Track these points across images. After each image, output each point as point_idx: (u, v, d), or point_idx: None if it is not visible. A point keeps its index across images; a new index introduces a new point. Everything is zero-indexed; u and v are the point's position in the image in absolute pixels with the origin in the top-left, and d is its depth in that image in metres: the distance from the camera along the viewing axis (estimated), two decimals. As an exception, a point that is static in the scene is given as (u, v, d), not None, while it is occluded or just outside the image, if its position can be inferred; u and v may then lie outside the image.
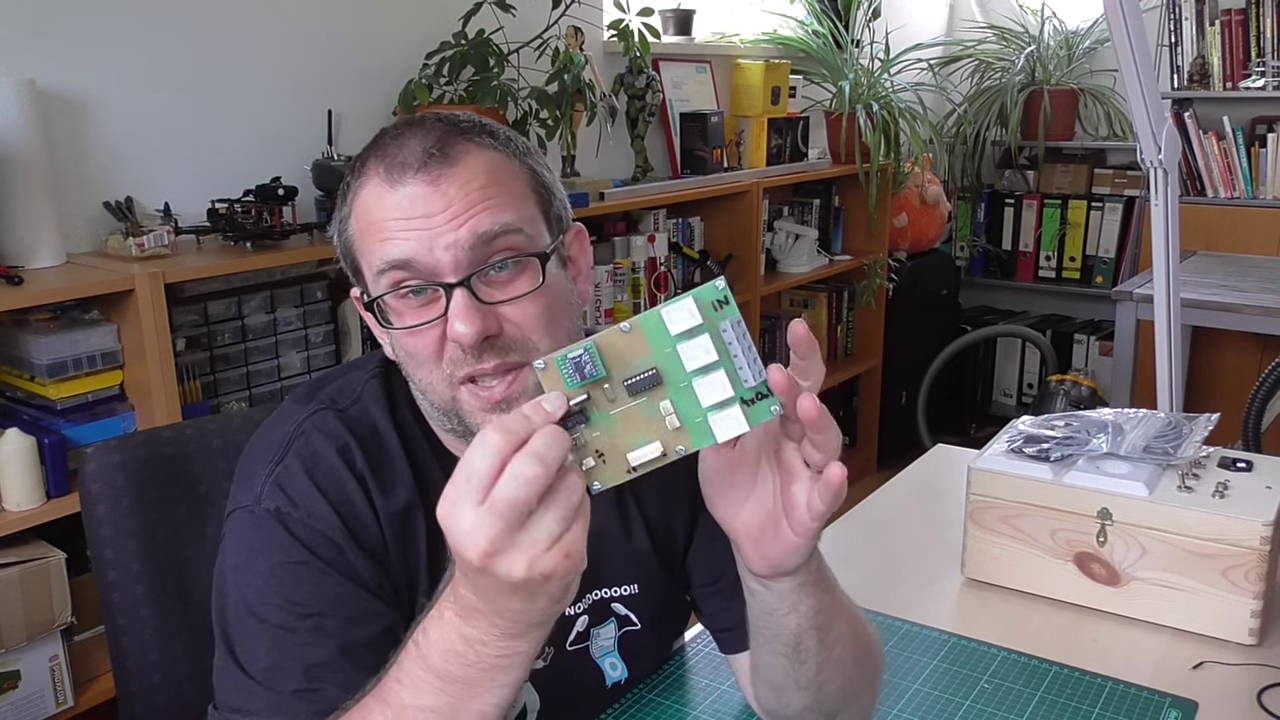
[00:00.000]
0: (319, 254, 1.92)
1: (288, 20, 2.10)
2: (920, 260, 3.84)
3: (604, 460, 0.62)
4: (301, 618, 0.80)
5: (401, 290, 0.80)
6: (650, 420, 0.61)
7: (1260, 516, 1.10)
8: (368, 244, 0.82)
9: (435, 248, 0.79)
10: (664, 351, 0.61)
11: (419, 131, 0.82)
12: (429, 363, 0.82)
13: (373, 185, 0.81)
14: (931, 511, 1.48)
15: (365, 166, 0.83)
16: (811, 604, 0.78)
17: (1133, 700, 1.04)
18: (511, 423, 0.59)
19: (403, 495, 0.87)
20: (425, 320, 0.80)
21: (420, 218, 0.79)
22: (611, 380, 0.61)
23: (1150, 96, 1.78)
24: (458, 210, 0.79)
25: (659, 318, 0.61)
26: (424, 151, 0.80)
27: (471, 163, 0.81)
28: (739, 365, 0.61)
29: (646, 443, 0.61)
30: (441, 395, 0.83)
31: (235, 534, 0.85)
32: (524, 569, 0.59)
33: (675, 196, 2.80)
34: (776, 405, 0.61)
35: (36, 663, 1.59)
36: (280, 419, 0.89)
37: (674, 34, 3.07)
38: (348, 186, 0.85)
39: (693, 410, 0.61)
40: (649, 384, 0.61)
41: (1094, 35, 3.98)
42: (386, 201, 0.80)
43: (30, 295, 1.55)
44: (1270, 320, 2.79)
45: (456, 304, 0.78)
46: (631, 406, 0.61)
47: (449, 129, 0.83)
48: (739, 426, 0.61)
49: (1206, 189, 3.68)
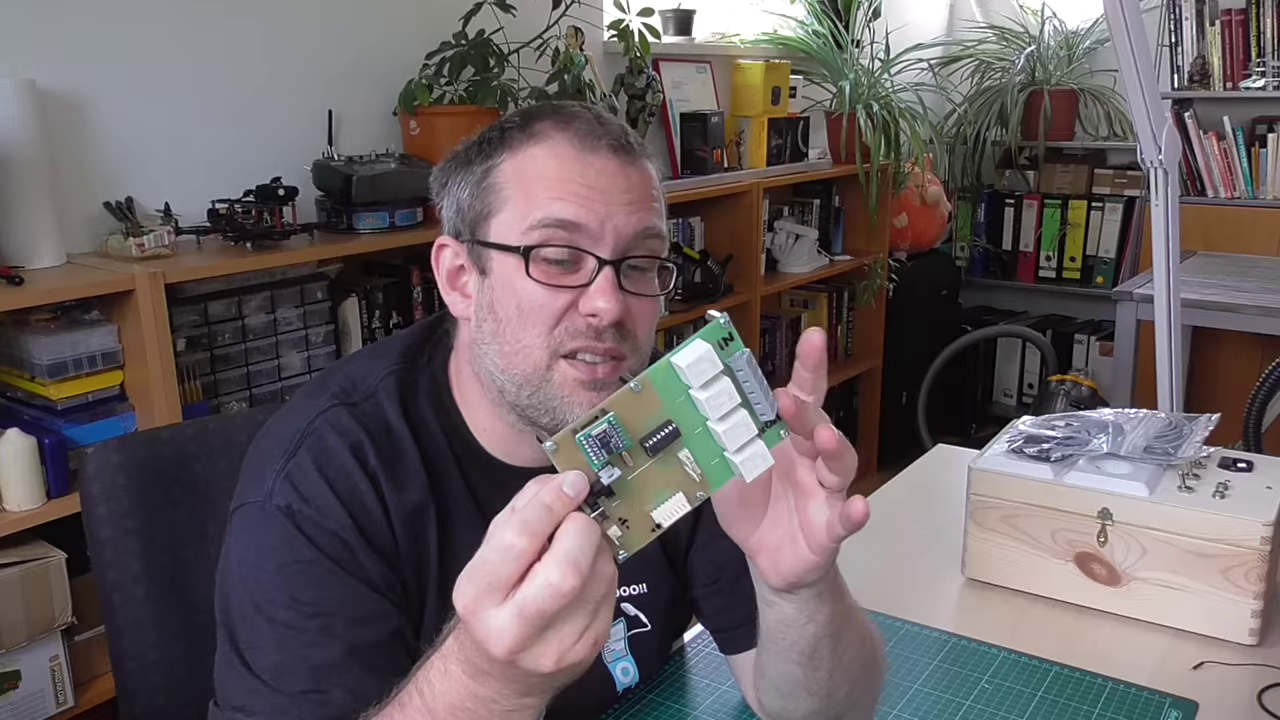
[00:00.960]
0: (319, 254, 1.92)
1: (288, 20, 2.10)
2: (920, 260, 3.84)
3: (628, 526, 0.59)
4: (310, 617, 0.80)
5: (554, 246, 0.81)
6: (668, 472, 0.59)
7: (1261, 516, 1.10)
8: (532, 193, 0.82)
9: (607, 222, 0.81)
10: (676, 401, 0.59)
11: (605, 118, 0.85)
12: (541, 325, 0.82)
13: (557, 144, 0.83)
14: (931, 511, 1.48)
15: (539, 126, 0.84)
16: (828, 612, 0.78)
17: (1133, 700, 1.04)
18: (533, 519, 0.56)
19: (415, 494, 0.86)
20: (567, 284, 0.81)
21: (602, 190, 0.82)
22: (630, 432, 0.58)
23: (1150, 96, 1.78)
24: (635, 197, 0.83)
25: (669, 369, 0.58)
26: (620, 134, 0.84)
27: (649, 165, 0.86)
28: (755, 402, 0.59)
29: (668, 496, 0.59)
30: (535, 361, 0.82)
31: (243, 530, 0.84)
32: (553, 663, 0.58)
33: (675, 196, 2.79)
34: (783, 429, 0.61)
35: (37, 663, 1.59)
36: (292, 414, 0.88)
37: (674, 34, 3.07)
38: (504, 136, 0.85)
39: (711, 453, 0.59)
40: (669, 440, 0.58)
41: (1094, 35, 3.98)
42: (572, 164, 0.82)
43: (30, 295, 1.55)
44: (1270, 320, 2.79)
45: (605, 279, 0.81)
46: (650, 465, 0.59)
47: (627, 130, 0.87)
48: (764, 462, 0.59)
49: (1207, 189, 3.68)
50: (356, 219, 1.99)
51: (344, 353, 2.03)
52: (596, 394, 0.82)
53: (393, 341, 0.94)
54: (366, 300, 2.06)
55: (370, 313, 2.07)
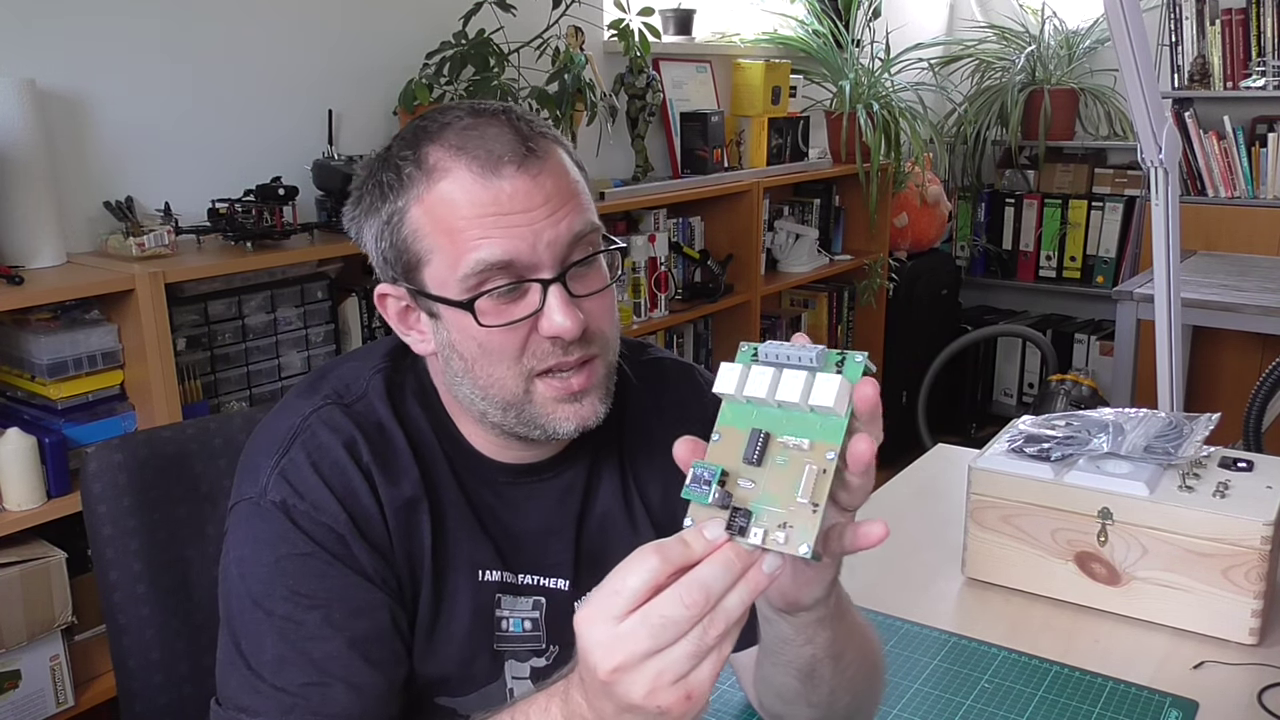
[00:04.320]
0: (319, 254, 1.92)
1: (288, 20, 2.10)
2: (920, 260, 3.84)
3: (791, 526, 0.59)
4: (309, 609, 0.80)
5: (497, 289, 0.79)
6: (788, 465, 0.60)
7: (1261, 516, 1.10)
8: (454, 239, 0.79)
9: (538, 245, 0.78)
10: (751, 417, 0.62)
11: (495, 123, 0.80)
12: (508, 359, 0.81)
13: (459, 178, 0.78)
14: (931, 511, 1.48)
15: (433, 159, 0.79)
16: (828, 635, 0.77)
17: (1133, 700, 1.04)
18: (671, 548, 0.58)
19: (408, 489, 0.86)
20: (519, 317, 0.80)
21: (521, 213, 0.78)
22: (734, 470, 0.61)
23: (1150, 96, 1.78)
24: (555, 205, 0.79)
25: (724, 404, 0.63)
26: (519, 143, 0.79)
27: (557, 158, 0.81)
28: (800, 360, 0.61)
29: (801, 477, 0.60)
30: (512, 390, 0.82)
31: (239, 526, 0.84)
32: (641, 695, 0.57)
33: (675, 196, 2.80)
34: (860, 357, 0.62)
35: (37, 662, 1.59)
36: (284, 412, 0.88)
37: (674, 34, 3.07)
38: (405, 178, 0.80)
39: (809, 424, 0.61)
40: (764, 444, 0.61)
41: (1094, 35, 3.98)
42: (481, 197, 0.78)
43: (30, 295, 1.55)
44: (1270, 320, 2.79)
45: (557, 299, 0.79)
46: (767, 471, 0.61)
47: (524, 122, 0.81)
48: (846, 389, 0.61)
49: (1207, 189, 3.68)
50: (357, 219, 1.98)
51: (344, 352, 2.02)
52: (578, 404, 0.83)
53: (379, 344, 0.95)
54: (366, 300, 2.06)
55: (370, 312, 2.07)
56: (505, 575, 0.90)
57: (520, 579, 0.91)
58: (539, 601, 0.92)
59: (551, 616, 0.92)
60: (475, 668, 0.90)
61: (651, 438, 0.96)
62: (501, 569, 0.90)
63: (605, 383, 0.85)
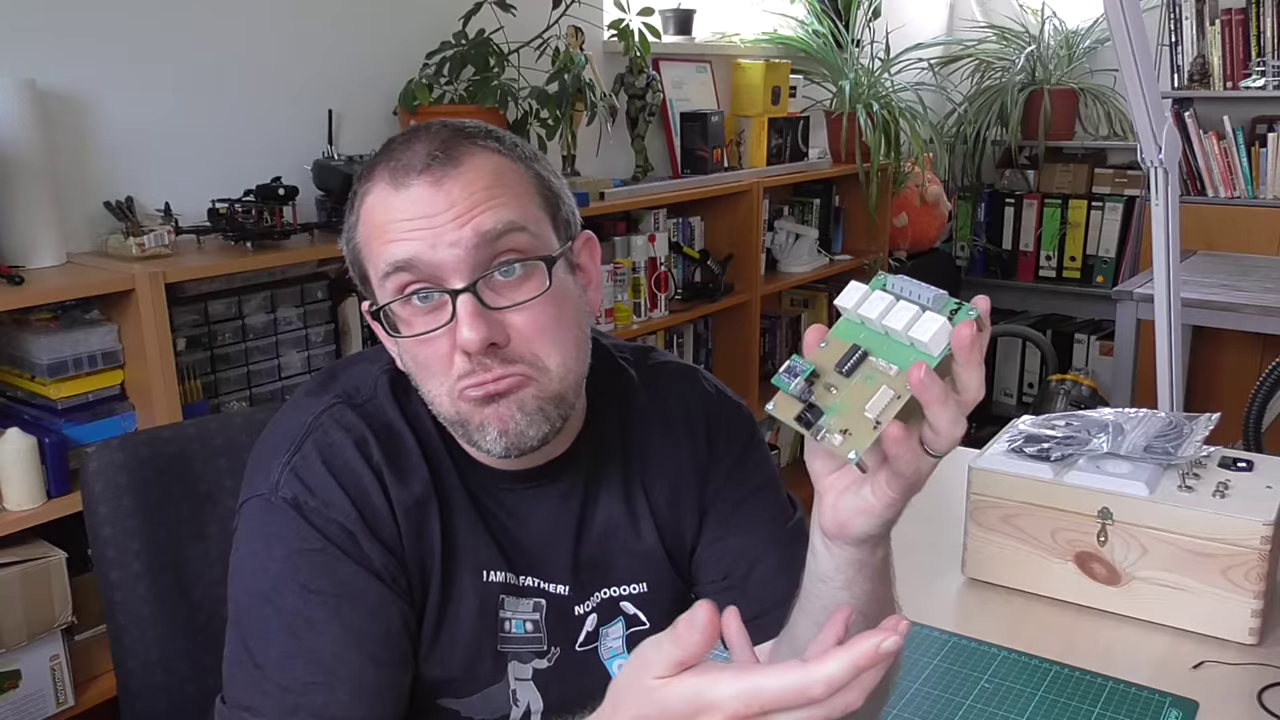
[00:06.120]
0: (319, 254, 1.91)
1: (288, 20, 2.10)
2: (920, 260, 3.84)
3: (849, 433, 0.64)
4: (318, 605, 0.80)
5: (407, 295, 0.80)
6: (871, 383, 0.64)
7: (1261, 516, 1.10)
8: (372, 248, 0.81)
9: (438, 246, 0.78)
10: (860, 336, 0.66)
11: (424, 136, 0.82)
12: (439, 373, 0.81)
13: (378, 190, 0.81)
14: (931, 511, 1.48)
15: (372, 173, 0.83)
16: (866, 589, 0.75)
17: (1133, 700, 1.04)
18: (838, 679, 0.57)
19: (418, 489, 0.86)
20: (434, 327, 0.80)
21: (423, 218, 0.78)
22: (825, 373, 0.65)
23: (1150, 96, 1.79)
24: (460, 210, 0.78)
25: (842, 319, 0.67)
26: (428, 154, 0.80)
27: (475, 164, 0.81)
28: (919, 298, 0.65)
29: (875, 395, 0.64)
30: (446, 408, 0.82)
31: (250, 522, 0.84)
32: None
33: (675, 196, 2.79)
34: (973, 310, 0.64)
35: (37, 662, 1.59)
36: (295, 410, 0.88)
37: (674, 34, 3.07)
38: (355, 195, 0.84)
39: (904, 353, 0.64)
40: (859, 360, 0.65)
41: (1094, 35, 3.98)
42: (391, 204, 0.80)
43: (30, 295, 1.55)
44: (1270, 320, 2.79)
45: (463, 309, 0.78)
46: (854, 382, 0.65)
47: (454, 133, 0.82)
48: (946, 333, 0.63)
49: (1207, 189, 3.68)
50: (357, 218, 1.98)
51: (344, 353, 2.03)
52: (497, 405, 0.80)
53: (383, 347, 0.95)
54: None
55: (370, 312, 2.07)
56: (508, 576, 0.90)
57: (522, 580, 0.91)
58: (539, 604, 0.92)
59: (551, 619, 0.92)
60: (479, 669, 0.90)
61: (656, 441, 0.96)
62: (505, 570, 0.90)
63: (538, 401, 0.82)
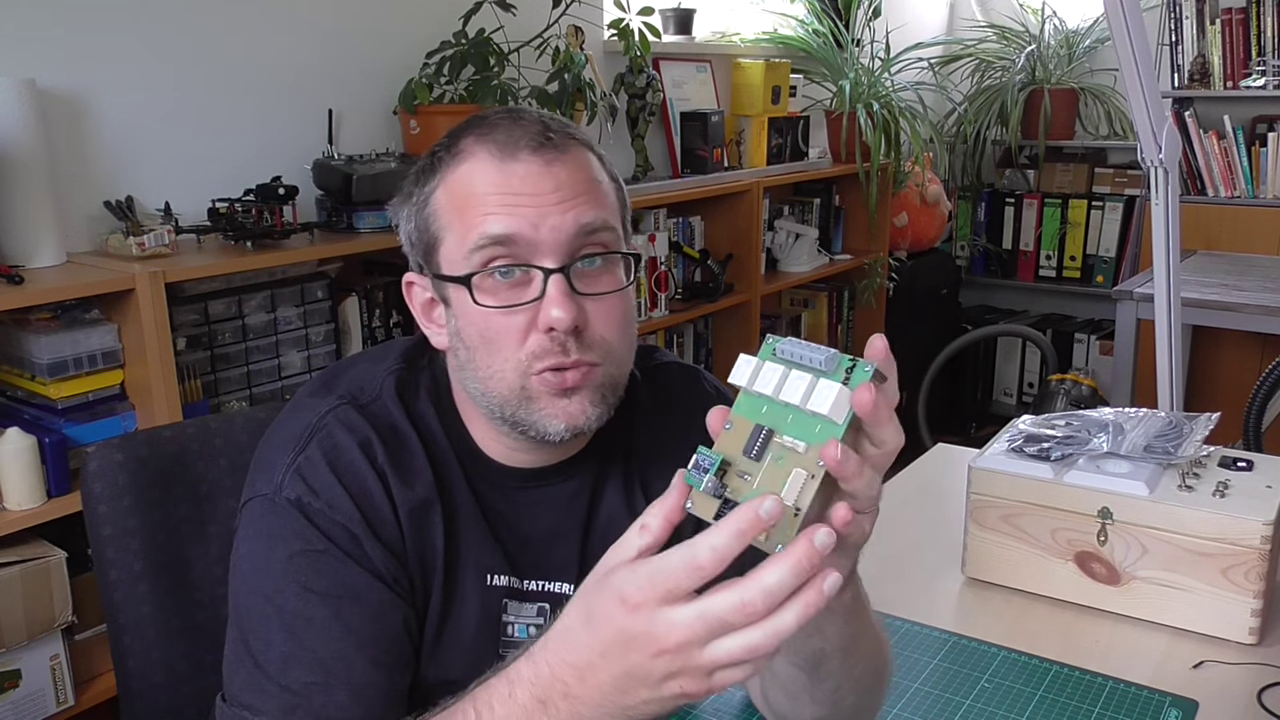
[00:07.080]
0: (319, 253, 1.92)
1: (288, 19, 2.10)
2: (920, 260, 3.84)
3: (773, 525, 0.60)
4: (319, 606, 0.80)
5: (496, 267, 0.81)
6: (783, 464, 0.61)
7: (1260, 516, 1.10)
8: (465, 217, 0.82)
9: (541, 226, 0.80)
10: (761, 413, 0.62)
11: (524, 119, 0.84)
12: (507, 348, 0.82)
13: (479, 160, 0.82)
14: (931, 511, 1.48)
15: (462, 145, 0.84)
16: (838, 630, 0.76)
17: (1133, 699, 1.04)
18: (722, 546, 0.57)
19: (422, 491, 0.87)
20: (518, 302, 0.81)
21: (529, 194, 0.80)
22: (734, 460, 0.62)
23: (1150, 96, 1.78)
24: (566, 195, 0.81)
25: (742, 394, 0.63)
26: (540, 133, 0.82)
27: (578, 156, 0.84)
28: (811, 362, 0.62)
29: (788, 479, 0.61)
30: (509, 384, 0.83)
31: (252, 522, 0.84)
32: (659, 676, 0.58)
33: (675, 196, 2.80)
34: (869, 368, 0.61)
35: (37, 662, 1.59)
36: (299, 410, 0.89)
37: (674, 33, 3.07)
38: (437, 162, 0.85)
39: (810, 425, 0.61)
40: (766, 440, 0.62)
41: (1094, 34, 3.98)
42: (495, 177, 0.81)
43: (31, 295, 1.55)
44: (1270, 320, 2.79)
45: (555, 289, 0.80)
46: (765, 466, 0.62)
47: (556, 122, 0.85)
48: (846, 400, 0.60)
49: (1207, 188, 3.67)
50: (357, 218, 1.99)
51: (344, 352, 2.03)
52: (567, 401, 0.82)
53: (392, 345, 0.95)
54: (367, 299, 2.06)
55: (370, 312, 2.07)
56: (512, 580, 0.90)
57: (526, 585, 0.91)
58: (544, 608, 0.92)
59: None
60: (481, 671, 0.90)
61: (658, 442, 0.96)
62: (509, 574, 0.90)
63: (602, 389, 0.84)
